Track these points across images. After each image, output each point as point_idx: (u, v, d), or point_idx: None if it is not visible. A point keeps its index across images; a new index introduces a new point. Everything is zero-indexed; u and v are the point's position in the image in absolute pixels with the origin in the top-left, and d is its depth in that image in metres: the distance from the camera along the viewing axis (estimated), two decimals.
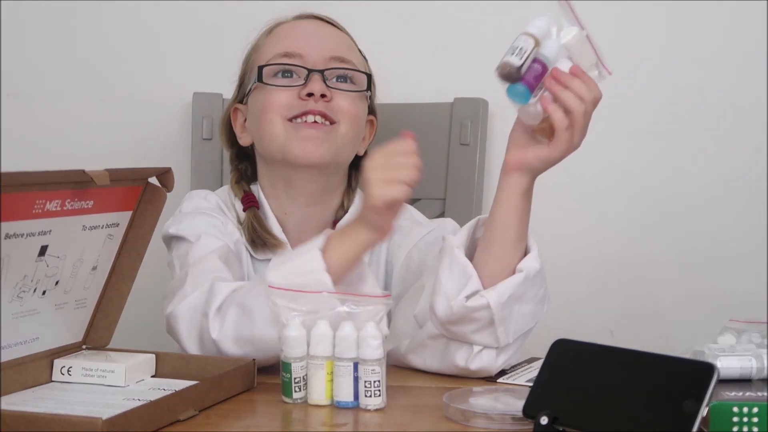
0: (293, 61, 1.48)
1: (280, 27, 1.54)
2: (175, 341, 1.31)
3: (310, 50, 1.48)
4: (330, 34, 1.53)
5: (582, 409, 0.99)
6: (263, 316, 1.21)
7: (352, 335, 1.13)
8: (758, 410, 0.97)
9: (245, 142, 1.55)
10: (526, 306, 1.28)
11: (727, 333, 1.27)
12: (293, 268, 1.23)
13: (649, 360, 0.98)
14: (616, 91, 1.84)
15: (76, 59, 1.95)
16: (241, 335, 1.23)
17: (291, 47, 1.49)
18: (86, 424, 0.96)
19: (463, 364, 1.27)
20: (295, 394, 1.15)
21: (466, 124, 1.78)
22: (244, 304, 1.24)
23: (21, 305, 1.14)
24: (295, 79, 1.48)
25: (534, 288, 1.28)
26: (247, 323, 1.23)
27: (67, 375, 1.20)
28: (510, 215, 1.28)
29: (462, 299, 1.24)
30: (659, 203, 1.84)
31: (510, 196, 1.28)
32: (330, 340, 1.13)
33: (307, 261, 1.22)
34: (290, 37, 1.51)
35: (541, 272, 1.29)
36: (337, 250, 1.23)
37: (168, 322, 1.31)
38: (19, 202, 1.06)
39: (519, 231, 1.28)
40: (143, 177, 1.23)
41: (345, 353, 1.13)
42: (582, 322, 1.81)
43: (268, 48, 1.52)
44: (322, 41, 1.50)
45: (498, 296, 1.24)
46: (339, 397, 1.13)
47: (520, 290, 1.26)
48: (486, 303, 1.23)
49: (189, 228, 1.44)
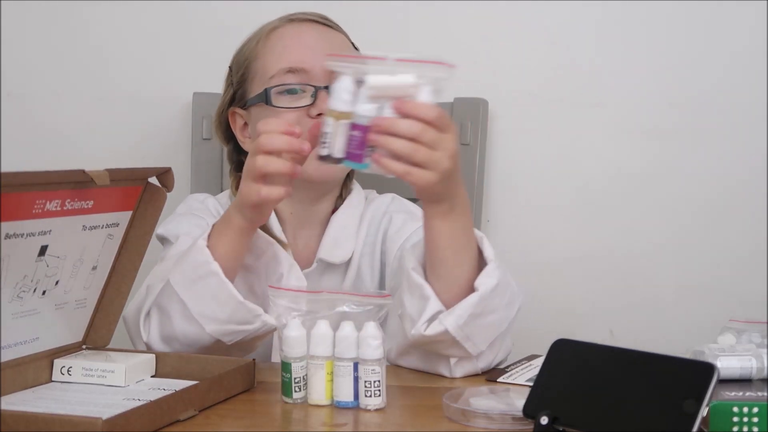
0: (299, 77, 1.48)
1: (280, 35, 1.52)
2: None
3: (315, 63, 1.47)
4: (330, 42, 1.52)
5: (582, 409, 0.99)
6: (178, 315, 1.27)
7: (352, 335, 1.12)
8: (758, 410, 0.97)
9: (249, 147, 1.55)
10: (491, 316, 1.26)
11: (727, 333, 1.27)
12: (185, 264, 1.28)
13: (649, 360, 0.98)
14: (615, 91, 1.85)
15: (76, 59, 1.95)
16: (165, 335, 1.29)
17: (295, 62, 1.48)
18: (86, 424, 0.95)
19: (446, 373, 1.29)
20: (295, 394, 1.14)
21: (466, 124, 1.78)
22: (161, 305, 1.29)
23: (21, 305, 1.14)
24: (301, 95, 1.48)
25: (495, 299, 1.26)
26: (167, 323, 1.28)
27: (67, 375, 1.20)
28: (437, 238, 1.26)
29: (422, 327, 1.24)
30: (659, 203, 1.84)
31: (426, 221, 1.27)
32: (330, 340, 1.13)
33: (196, 255, 1.27)
34: (293, 49, 1.50)
35: (501, 283, 1.26)
36: (219, 241, 1.28)
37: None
38: (19, 202, 1.06)
39: (455, 250, 1.26)
40: (143, 177, 1.23)
41: (345, 353, 1.13)
42: (582, 322, 1.81)
43: (270, 60, 1.50)
44: (324, 51, 1.49)
45: (455, 319, 1.23)
46: (339, 397, 1.13)
47: (479, 308, 1.24)
48: (444, 329, 1.23)
49: (173, 229, 1.46)
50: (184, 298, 1.26)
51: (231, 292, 1.25)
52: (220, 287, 1.25)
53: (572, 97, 1.85)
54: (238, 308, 1.26)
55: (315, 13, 1.55)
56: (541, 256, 1.86)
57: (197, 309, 1.26)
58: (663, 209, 1.84)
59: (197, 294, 1.26)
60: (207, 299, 1.26)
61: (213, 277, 1.25)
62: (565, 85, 1.85)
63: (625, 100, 1.84)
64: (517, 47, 1.86)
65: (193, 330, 1.27)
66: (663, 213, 1.84)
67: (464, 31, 1.86)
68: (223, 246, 1.28)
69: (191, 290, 1.26)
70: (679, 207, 1.84)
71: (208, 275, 1.26)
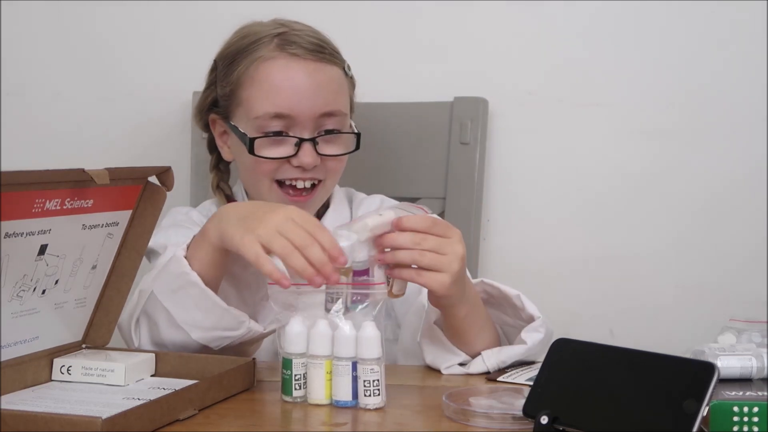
0: (284, 123, 1.48)
1: (268, 70, 1.49)
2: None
3: (301, 110, 1.48)
4: (319, 85, 1.49)
5: (582, 409, 0.99)
6: (164, 323, 1.28)
7: (350, 334, 1.12)
8: (758, 410, 0.97)
9: (228, 158, 1.59)
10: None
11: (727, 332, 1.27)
12: (166, 274, 1.28)
13: (649, 360, 0.98)
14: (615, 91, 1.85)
15: (76, 59, 1.95)
16: (155, 341, 1.30)
17: (282, 107, 1.47)
18: (86, 424, 0.95)
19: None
20: (295, 392, 1.14)
21: (466, 123, 1.78)
22: (148, 313, 1.30)
23: (21, 304, 1.13)
24: (285, 139, 1.49)
25: (537, 347, 1.33)
26: (155, 330, 1.29)
27: (67, 374, 1.20)
28: (455, 323, 1.31)
29: (461, 368, 1.32)
30: (659, 203, 1.84)
31: (442, 310, 1.31)
32: (329, 339, 1.13)
33: (175, 266, 1.27)
34: (280, 92, 1.48)
35: (545, 336, 1.34)
36: (196, 253, 1.27)
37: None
38: (18, 201, 1.06)
39: (473, 327, 1.32)
40: (143, 176, 1.22)
41: (343, 353, 1.13)
42: (582, 322, 1.81)
43: (256, 97, 1.49)
44: (312, 96, 1.49)
45: (498, 363, 1.32)
46: (337, 397, 1.13)
47: (523, 357, 1.33)
48: (485, 369, 1.31)
49: (161, 239, 1.46)
50: (167, 306, 1.27)
51: (214, 300, 1.25)
52: (201, 297, 1.25)
53: (572, 97, 1.85)
54: (223, 315, 1.26)
55: (309, 37, 1.52)
56: (541, 256, 1.86)
57: (181, 317, 1.27)
58: (663, 209, 1.84)
59: (180, 303, 1.26)
60: (190, 308, 1.26)
61: (193, 287, 1.25)
62: (565, 84, 1.85)
63: (625, 100, 1.84)
64: (517, 47, 1.86)
65: (179, 337, 1.27)
66: (663, 212, 1.84)
67: (464, 30, 1.86)
68: (201, 259, 1.26)
69: (173, 300, 1.27)
70: (679, 206, 1.83)
71: (188, 285, 1.25)
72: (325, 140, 1.50)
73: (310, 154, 1.48)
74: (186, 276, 1.25)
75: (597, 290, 1.85)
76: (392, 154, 1.81)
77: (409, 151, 1.81)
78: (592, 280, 1.85)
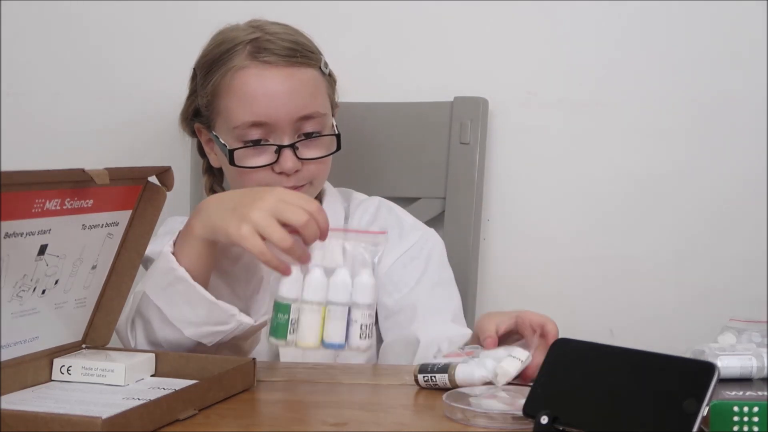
0: (263, 131, 1.50)
1: (244, 79, 1.51)
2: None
3: (278, 116, 1.49)
4: (294, 89, 1.51)
5: (582, 409, 0.99)
6: (157, 321, 1.29)
7: (346, 280, 1.16)
8: (758, 410, 0.97)
9: (216, 164, 1.62)
10: None
11: (728, 332, 1.27)
12: (155, 272, 1.30)
13: (649, 360, 0.98)
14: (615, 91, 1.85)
15: (76, 59, 1.95)
16: (150, 341, 1.31)
17: (259, 115, 1.49)
18: (85, 424, 0.95)
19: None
20: (289, 336, 1.17)
21: (466, 123, 1.78)
22: (142, 313, 1.31)
23: (20, 304, 1.13)
24: (265, 148, 1.51)
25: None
26: (150, 329, 1.30)
27: (67, 374, 1.20)
28: None
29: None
30: (659, 203, 1.84)
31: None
32: (324, 285, 1.16)
33: (163, 263, 1.28)
34: (256, 100, 1.50)
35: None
36: (183, 248, 1.28)
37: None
38: (18, 201, 1.06)
39: None
40: (143, 176, 1.22)
41: (339, 298, 1.15)
42: (582, 322, 1.81)
43: (234, 106, 1.51)
44: (288, 101, 1.50)
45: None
46: (329, 339, 1.16)
47: None
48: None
49: (158, 248, 1.46)
50: (159, 304, 1.28)
51: (202, 295, 1.26)
52: (189, 291, 1.26)
53: (572, 97, 1.85)
54: (212, 309, 1.26)
55: (282, 42, 1.52)
56: (541, 256, 1.86)
57: (172, 314, 1.28)
58: (663, 209, 1.84)
59: (170, 300, 1.27)
60: (180, 304, 1.27)
61: (181, 282, 1.26)
62: (566, 85, 1.85)
63: (625, 100, 1.84)
64: (517, 47, 1.86)
65: (173, 334, 1.28)
66: (662, 212, 1.84)
67: (464, 30, 1.87)
68: (188, 254, 1.27)
69: (163, 297, 1.28)
70: (678, 206, 1.84)
71: (176, 281, 1.26)
72: (305, 144, 1.52)
73: (290, 160, 1.50)
74: (174, 272, 1.26)
75: (597, 290, 1.86)
76: (392, 154, 1.81)
77: (409, 151, 1.81)
78: (592, 280, 1.85)
